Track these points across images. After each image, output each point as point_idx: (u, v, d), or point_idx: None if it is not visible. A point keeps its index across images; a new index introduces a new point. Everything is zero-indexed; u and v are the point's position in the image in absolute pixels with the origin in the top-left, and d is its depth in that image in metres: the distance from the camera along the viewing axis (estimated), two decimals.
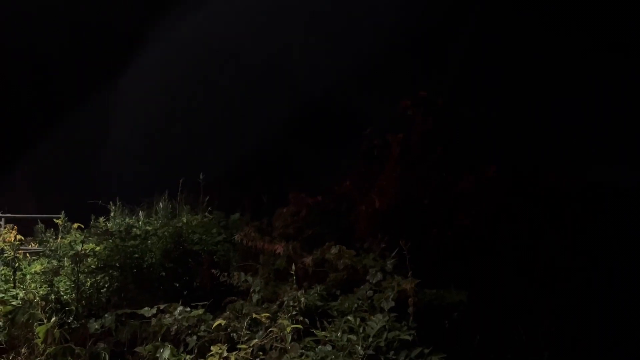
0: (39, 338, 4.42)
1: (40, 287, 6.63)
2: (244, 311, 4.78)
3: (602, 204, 5.20)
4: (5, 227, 7.89)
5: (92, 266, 6.44)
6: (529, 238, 5.05)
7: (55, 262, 7.07)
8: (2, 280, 7.28)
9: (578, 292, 4.77)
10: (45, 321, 4.70)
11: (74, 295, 6.19)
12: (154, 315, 4.90)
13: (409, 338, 3.85)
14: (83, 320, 5.36)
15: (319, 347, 3.97)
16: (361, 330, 3.95)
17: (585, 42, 6.85)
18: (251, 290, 5.27)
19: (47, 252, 7.77)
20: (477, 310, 4.51)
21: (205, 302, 5.03)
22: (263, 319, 4.34)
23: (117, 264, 6.37)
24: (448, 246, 5.19)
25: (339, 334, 4.00)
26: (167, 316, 4.81)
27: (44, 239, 8.72)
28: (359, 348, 3.79)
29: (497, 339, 4.44)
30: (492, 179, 5.42)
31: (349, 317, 4.11)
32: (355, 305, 4.52)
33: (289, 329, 4.11)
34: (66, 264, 6.85)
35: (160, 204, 8.13)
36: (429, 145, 5.74)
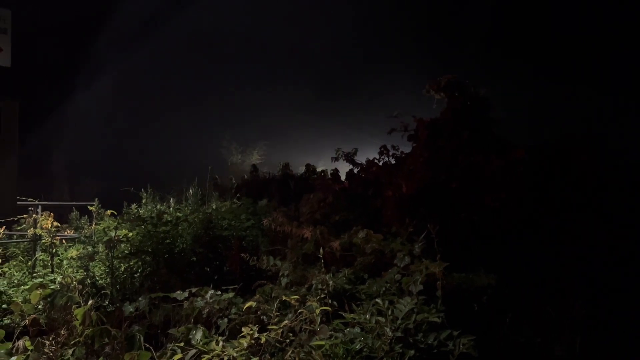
0: (77, 320, 4.54)
1: (76, 272, 6.86)
2: (273, 294, 4.84)
3: (636, 184, 5.07)
4: (42, 215, 8.13)
5: (126, 251, 6.62)
6: (559, 220, 4.96)
7: (90, 248, 7.27)
8: (41, 266, 7.55)
9: (610, 274, 4.68)
10: (82, 304, 4.84)
11: (108, 279, 6.38)
12: (186, 299, 5.01)
13: (438, 320, 3.84)
14: (118, 304, 5.53)
15: (348, 329, 4.00)
16: (389, 312, 3.95)
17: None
18: (280, 274, 5.33)
19: (82, 238, 8.00)
20: (507, 293, 4.47)
21: (236, 286, 5.12)
22: (292, 302, 4.39)
23: (150, 249, 6.52)
24: (477, 229, 5.14)
25: (367, 316, 4.02)
26: (198, 299, 4.92)
27: (79, 225, 8.99)
28: (388, 330, 3.80)
29: (528, 322, 4.39)
30: (521, 161, 5.32)
31: (378, 300, 4.11)
32: (383, 288, 4.52)
33: (318, 311, 4.14)
34: (100, 249, 7.04)
35: (190, 191, 8.27)
36: (456, 128, 5.67)
